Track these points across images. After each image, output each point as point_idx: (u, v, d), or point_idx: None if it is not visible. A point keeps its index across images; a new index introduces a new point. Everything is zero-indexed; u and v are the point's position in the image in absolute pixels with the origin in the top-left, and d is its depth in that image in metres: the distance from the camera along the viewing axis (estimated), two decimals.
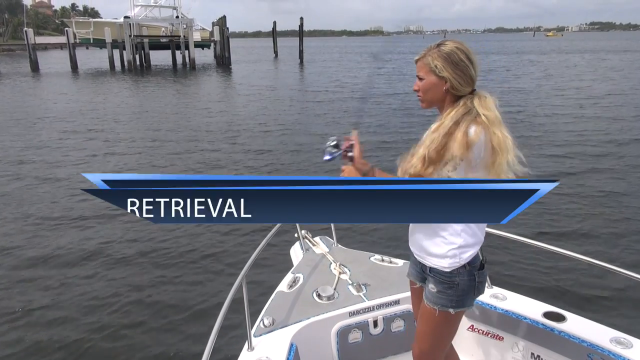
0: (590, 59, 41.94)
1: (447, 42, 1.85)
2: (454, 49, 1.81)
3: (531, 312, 2.50)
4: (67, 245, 6.09)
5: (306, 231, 3.64)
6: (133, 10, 43.60)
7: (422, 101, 1.90)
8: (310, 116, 15.27)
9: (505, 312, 2.56)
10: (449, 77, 1.79)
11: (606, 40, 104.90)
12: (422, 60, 1.86)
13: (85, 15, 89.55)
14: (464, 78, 1.80)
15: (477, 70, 1.83)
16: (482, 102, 1.79)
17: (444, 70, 1.79)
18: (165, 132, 13.28)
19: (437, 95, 1.85)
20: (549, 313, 2.47)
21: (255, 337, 2.41)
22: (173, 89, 25.13)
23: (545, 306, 2.56)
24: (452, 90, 1.81)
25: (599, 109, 15.61)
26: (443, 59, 1.80)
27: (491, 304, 2.62)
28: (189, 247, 6.01)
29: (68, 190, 8.18)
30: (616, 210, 6.82)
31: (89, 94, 23.34)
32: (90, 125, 14.44)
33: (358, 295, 2.76)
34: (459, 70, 1.79)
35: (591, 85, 22.15)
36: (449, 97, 1.83)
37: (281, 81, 28.36)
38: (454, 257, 1.86)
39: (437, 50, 1.82)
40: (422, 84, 1.86)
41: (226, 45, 43.31)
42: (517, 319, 2.51)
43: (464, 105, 1.78)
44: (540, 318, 2.45)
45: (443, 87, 1.82)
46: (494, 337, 2.64)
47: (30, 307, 4.68)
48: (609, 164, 9.19)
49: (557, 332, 2.36)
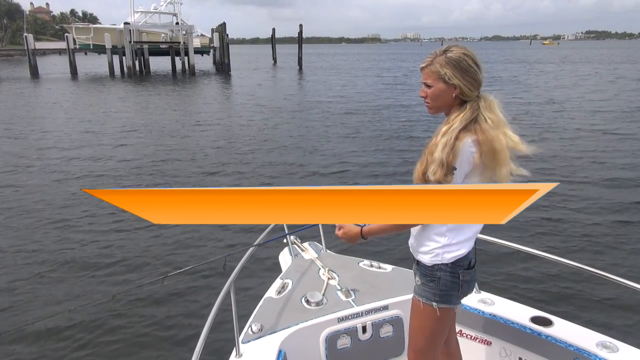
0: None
1: (453, 48, 1.85)
2: (462, 55, 1.82)
3: (519, 317, 2.51)
4: (47, 248, 6.07)
5: (295, 237, 3.63)
6: (133, 16, 43.81)
7: (431, 108, 1.91)
8: (310, 126, 15.20)
9: (493, 316, 2.57)
10: (459, 83, 1.80)
11: (608, 49, 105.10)
12: (430, 68, 1.85)
13: (84, 21, 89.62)
14: (473, 83, 1.82)
15: (482, 73, 1.86)
16: (487, 105, 1.82)
17: (454, 78, 1.80)
18: (165, 140, 13.25)
19: (446, 101, 1.86)
20: (536, 318, 2.49)
21: (243, 344, 2.40)
22: (173, 95, 25.13)
23: (533, 311, 2.57)
24: (461, 96, 1.83)
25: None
26: (452, 66, 1.81)
27: (479, 309, 2.63)
28: (176, 253, 5.95)
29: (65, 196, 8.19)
30: (605, 217, 6.86)
31: (89, 100, 23.31)
32: (89, 133, 14.43)
33: (347, 301, 2.76)
34: (468, 76, 1.81)
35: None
36: (456, 102, 1.85)
37: (280, 89, 28.27)
38: (436, 256, 1.93)
39: (445, 57, 1.82)
40: (431, 91, 1.87)
41: (226, 52, 43.44)
42: (504, 324, 2.53)
43: (470, 109, 1.80)
44: (528, 323, 2.46)
45: (452, 94, 1.83)
46: (481, 342, 2.65)
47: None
48: (608, 172, 9.21)
49: (545, 336, 2.38)
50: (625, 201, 7.49)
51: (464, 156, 1.75)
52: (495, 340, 2.59)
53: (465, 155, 1.75)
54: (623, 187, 8.30)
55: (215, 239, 6.35)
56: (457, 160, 1.75)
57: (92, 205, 7.50)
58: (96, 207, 7.37)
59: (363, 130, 14.32)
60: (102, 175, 9.67)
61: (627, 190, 8.12)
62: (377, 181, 8.63)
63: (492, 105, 1.83)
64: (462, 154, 1.74)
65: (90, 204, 7.53)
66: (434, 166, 1.76)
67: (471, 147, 1.75)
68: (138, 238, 6.38)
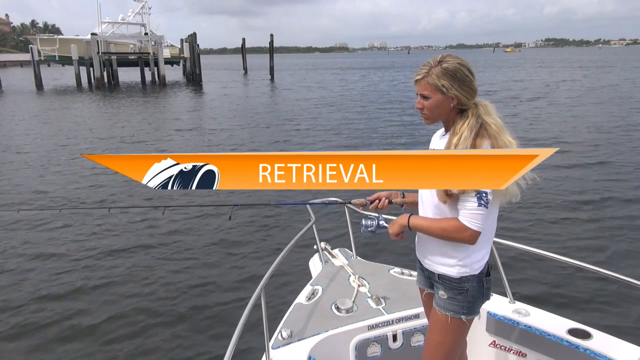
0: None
1: (448, 59, 1.84)
2: (458, 66, 1.81)
3: (555, 329, 2.44)
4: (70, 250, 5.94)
5: (325, 243, 3.63)
6: (100, 27, 42.91)
7: (428, 119, 1.91)
8: (285, 135, 15.18)
9: (528, 328, 2.50)
10: (457, 94, 1.81)
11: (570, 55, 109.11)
12: (426, 80, 1.84)
13: (46, 32, 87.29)
14: (470, 92, 1.83)
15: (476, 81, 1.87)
16: (486, 111, 1.83)
17: (452, 89, 1.80)
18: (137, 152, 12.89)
19: (445, 112, 1.86)
20: (574, 330, 2.41)
21: (273, 350, 2.38)
22: (143, 107, 24.62)
23: (570, 322, 2.50)
24: (459, 106, 1.84)
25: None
26: (449, 77, 1.80)
27: (514, 320, 2.57)
28: (207, 258, 6.02)
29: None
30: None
31: (57, 113, 22.61)
32: (58, 148, 13.92)
33: (377, 309, 2.73)
34: (466, 85, 1.81)
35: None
36: (454, 111, 1.86)
37: (254, 99, 28.17)
38: (464, 267, 1.90)
39: (441, 69, 1.81)
40: (429, 103, 1.85)
41: (197, 62, 43.02)
42: (540, 335, 2.45)
43: (474, 116, 1.81)
44: (565, 335, 2.38)
45: (450, 104, 1.83)
46: (516, 354, 2.58)
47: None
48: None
49: (583, 349, 2.29)
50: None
51: None
52: (531, 353, 2.52)
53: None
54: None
55: (245, 243, 6.48)
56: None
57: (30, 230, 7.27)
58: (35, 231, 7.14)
59: (334, 134, 14.46)
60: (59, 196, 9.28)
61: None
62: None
63: (490, 109, 1.84)
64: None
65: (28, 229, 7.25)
66: None
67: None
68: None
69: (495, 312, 2.62)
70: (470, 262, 1.89)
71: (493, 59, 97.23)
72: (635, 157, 10.82)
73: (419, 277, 2.21)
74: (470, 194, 1.74)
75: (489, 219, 1.82)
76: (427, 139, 2.12)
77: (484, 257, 1.92)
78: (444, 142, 1.89)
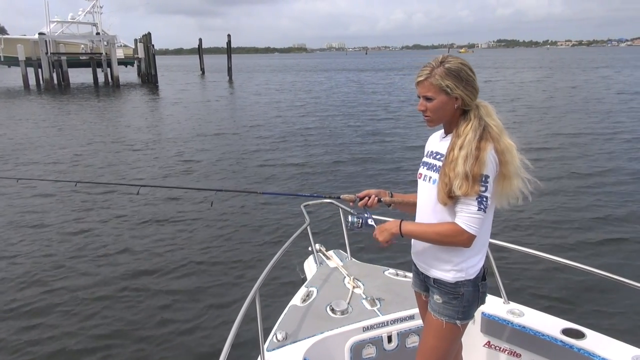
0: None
1: (450, 59, 1.82)
2: (460, 65, 1.80)
3: (549, 329, 2.43)
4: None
5: (320, 244, 3.61)
6: (49, 26, 41.18)
7: (431, 121, 1.88)
8: (245, 138, 14.91)
9: (523, 328, 2.50)
10: (461, 94, 1.79)
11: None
12: (429, 80, 1.80)
13: None
14: (473, 92, 1.82)
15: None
16: (487, 112, 1.83)
17: (456, 89, 1.78)
18: (88, 159, 12.16)
19: (448, 113, 1.84)
20: (568, 330, 2.41)
21: (268, 352, 2.38)
22: (96, 110, 23.70)
23: (564, 322, 2.49)
24: (462, 106, 1.82)
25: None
26: (453, 77, 1.78)
27: (508, 320, 2.56)
28: (201, 260, 5.99)
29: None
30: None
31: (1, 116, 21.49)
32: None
33: (372, 310, 2.72)
34: (469, 85, 1.80)
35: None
36: (457, 113, 1.84)
37: (212, 101, 27.52)
38: (460, 271, 1.89)
39: (444, 69, 1.79)
40: (432, 105, 1.82)
41: (152, 63, 42.02)
42: (534, 336, 2.44)
43: (476, 118, 1.80)
44: (559, 335, 2.38)
45: (454, 105, 1.81)
46: (511, 354, 2.57)
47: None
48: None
49: (577, 349, 2.29)
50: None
51: (491, 164, 1.74)
52: (525, 353, 2.52)
53: (491, 163, 1.74)
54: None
55: (240, 245, 6.47)
56: (486, 168, 1.73)
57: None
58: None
59: (291, 135, 14.34)
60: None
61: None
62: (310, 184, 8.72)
63: (490, 110, 1.84)
64: (489, 163, 1.74)
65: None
66: (459, 181, 1.73)
67: (494, 156, 1.75)
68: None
69: (489, 313, 2.64)
70: (465, 266, 1.88)
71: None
72: (628, 157, 11.05)
73: (415, 280, 2.20)
74: (472, 197, 1.74)
75: (485, 223, 1.83)
76: (401, 145, 2.13)
77: (479, 262, 1.92)
78: (445, 144, 1.87)
